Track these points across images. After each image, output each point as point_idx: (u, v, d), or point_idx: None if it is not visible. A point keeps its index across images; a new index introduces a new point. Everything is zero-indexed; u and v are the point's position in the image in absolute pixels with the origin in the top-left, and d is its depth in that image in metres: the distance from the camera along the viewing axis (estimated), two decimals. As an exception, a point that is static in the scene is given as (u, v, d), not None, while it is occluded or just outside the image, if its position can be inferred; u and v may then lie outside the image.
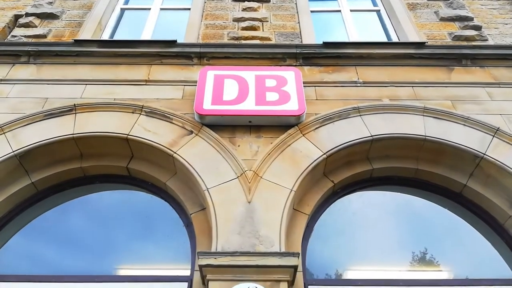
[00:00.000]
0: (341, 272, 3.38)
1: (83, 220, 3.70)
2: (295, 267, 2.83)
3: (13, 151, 3.51)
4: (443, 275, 3.36)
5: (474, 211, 3.70)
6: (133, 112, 3.82)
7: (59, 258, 3.43)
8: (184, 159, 3.49)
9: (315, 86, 4.22)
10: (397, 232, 3.64)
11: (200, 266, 2.83)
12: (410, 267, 3.42)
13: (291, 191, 3.30)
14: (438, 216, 3.74)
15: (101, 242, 3.55)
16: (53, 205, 3.77)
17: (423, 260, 3.46)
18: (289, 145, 3.61)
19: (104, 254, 3.47)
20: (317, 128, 3.74)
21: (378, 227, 3.63)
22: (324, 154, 3.55)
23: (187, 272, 3.23)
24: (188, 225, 3.53)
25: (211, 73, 4.11)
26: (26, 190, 3.66)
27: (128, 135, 3.65)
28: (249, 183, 3.34)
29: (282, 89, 3.93)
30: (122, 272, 3.38)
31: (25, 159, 3.59)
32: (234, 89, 3.94)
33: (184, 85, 4.20)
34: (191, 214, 3.46)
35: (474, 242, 3.57)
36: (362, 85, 4.25)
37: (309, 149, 3.58)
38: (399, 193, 3.90)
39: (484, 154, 3.54)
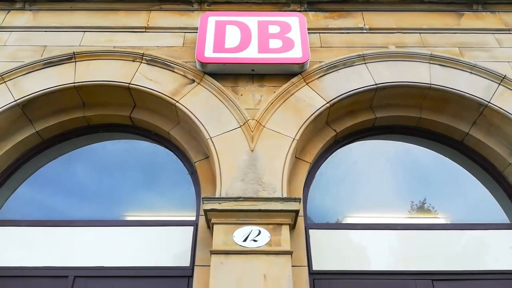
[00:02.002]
0: (341, 218, 3.49)
1: (89, 169, 3.77)
2: (296, 212, 2.93)
3: (15, 100, 3.50)
4: (440, 220, 3.47)
5: (474, 159, 3.75)
6: (133, 61, 3.76)
7: (67, 206, 3.53)
8: (187, 108, 3.48)
9: (319, 32, 4.11)
10: (397, 181, 3.71)
11: (205, 211, 2.92)
12: (408, 214, 3.52)
13: (294, 139, 3.33)
14: (438, 164, 3.79)
15: (107, 190, 3.64)
16: (59, 154, 3.83)
17: (421, 207, 3.56)
18: (292, 94, 3.58)
19: (111, 202, 3.57)
20: (321, 76, 3.68)
21: (378, 176, 3.69)
22: (328, 103, 3.53)
23: (192, 217, 3.35)
24: (193, 173, 3.60)
25: (212, 19, 3.98)
26: (31, 139, 3.71)
27: (129, 84, 3.62)
28: (252, 132, 3.35)
29: (286, 36, 3.83)
30: (129, 219, 3.50)
31: (28, 108, 3.59)
32: (236, 36, 3.84)
33: (185, 32, 4.10)
34: (195, 162, 3.52)
35: (472, 189, 3.66)
36: (368, 31, 4.13)
37: (312, 98, 3.56)
38: (400, 142, 3.93)
39: (489, 102, 3.51)
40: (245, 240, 2.81)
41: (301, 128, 3.39)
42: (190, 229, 3.24)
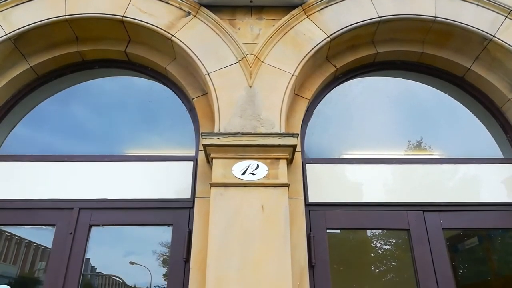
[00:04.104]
0: (338, 154, 3.54)
1: (86, 107, 3.76)
2: (294, 147, 2.97)
3: (6, 34, 3.39)
4: (436, 156, 3.53)
5: (473, 95, 3.73)
6: (126, -9, 3.58)
7: (65, 143, 3.57)
8: (183, 43, 3.39)
9: (321, -39, 3.87)
10: (396, 118, 3.72)
11: (204, 146, 2.96)
12: (405, 150, 3.58)
13: (293, 75, 3.28)
14: (437, 101, 3.78)
15: (106, 128, 3.66)
16: (55, 91, 3.80)
17: (418, 143, 3.60)
18: (292, 27, 3.47)
19: (110, 139, 3.61)
20: (322, 8, 3.53)
21: (377, 113, 3.70)
22: (328, 37, 3.42)
23: (192, 153, 3.41)
24: (191, 109, 3.60)
25: None
26: (26, 75, 3.65)
27: (123, 16, 3.47)
28: (250, 67, 3.29)
29: (286, -36, 3.61)
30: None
31: (20, 42, 3.49)
32: (234, -36, 3.62)
33: (179, -39, 3.86)
34: (193, 99, 3.50)
35: (470, 125, 3.68)
36: (372, -40, 3.88)
37: (313, 32, 3.45)
38: (400, 78, 3.88)
39: (493, 36, 3.41)
40: (243, 174, 2.88)
41: (300, 64, 3.33)
42: (190, 163, 3.31)
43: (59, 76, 3.81)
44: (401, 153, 3.55)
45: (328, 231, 3.09)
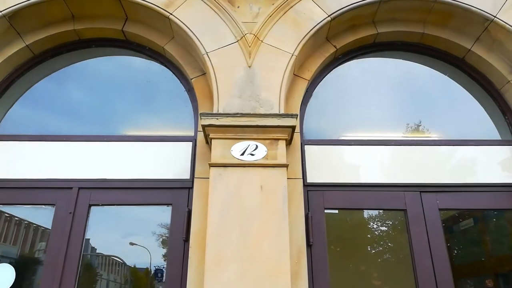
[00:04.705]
0: (336, 135, 3.54)
1: (83, 87, 3.72)
2: (293, 128, 2.97)
3: (1, 11, 3.32)
4: (434, 137, 3.54)
5: (473, 76, 3.72)
6: (122, -32, 3.50)
7: (63, 124, 3.55)
8: (181, 21, 3.34)
9: None
10: (395, 100, 3.71)
11: (203, 126, 2.96)
12: (404, 132, 3.58)
13: (292, 55, 3.25)
14: (437, 82, 3.76)
15: (104, 108, 3.64)
16: (52, 71, 3.75)
17: (417, 125, 3.61)
18: (292, 6, 3.42)
19: (108, 120, 3.59)
20: (322, -13, 3.47)
21: (376, 95, 3.68)
22: (329, 16, 3.38)
23: (191, 133, 3.40)
24: (190, 90, 3.57)
25: None
26: (22, 54, 3.60)
27: (119, -6, 3.41)
28: (250, 47, 3.26)
29: None
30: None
31: (15, 20, 3.42)
32: None
33: None
34: (191, 79, 3.47)
35: (468, 107, 3.68)
36: None
37: (313, 11, 3.40)
38: (401, 59, 3.85)
39: (495, 16, 3.37)
40: (242, 154, 2.89)
41: (300, 43, 3.29)
42: (189, 144, 3.31)
43: (56, 55, 3.76)
44: (400, 135, 3.56)
45: (326, 211, 3.12)
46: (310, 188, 3.17)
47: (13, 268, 3.05)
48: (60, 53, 3.76)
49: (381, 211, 3.72)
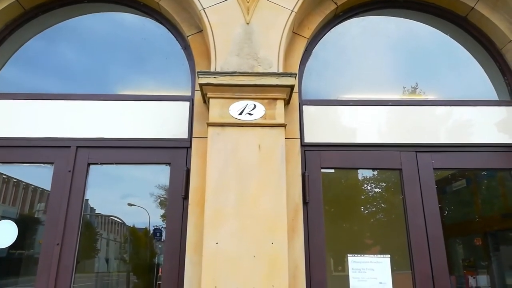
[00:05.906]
0: (335, 96, 3.52)
1: (77, 45, 3.63)
2: (291, 87, 2.94)
3: (-13, -37, 3.18)
4: (432, 97, 3.53)
5: (475, 35, 3.66)
6: None
7: (57, 83, 3.49)
8: (177, -25, 3.21)
9: None
10: (394, 60, 3.66)
11: (201, 85, 2.92)
12: (402, 92, 3.57)
13: (292, 12, 3.16)
14: (438, 42, 3.70)
15: (99, 67, 3.57)
16: (43, 28, 3.65)
17: (416, 86, 3.59)
18: (292, -41, 3.27)
19: (104, 79, 3.54)
20: None
21: (376, 54, 3.63)
22: (329, -29, 3.26)
23: (188, 93, 3.36)
24: (186, 47, 3.50)
25: None
26: (12, 9, 3.48)
27: None
28: (248, 2, 3.16)
29: None
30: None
31: (3, -27, 3.29)
32: None
33: None
34: (188, 36, 3.39)
35: (468, 67, 3.65)
36: None
37: (313, -35, 3.27)
38: (402, 18, 3.76)
39: (502, -28, 3.27)
40: (240, 114, 2.88)
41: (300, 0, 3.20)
42: (187, 104, 3.28)
43: (47, 10, 3.64)
44: (398, 96, 3.54)
45: (323, 170, 3.16)
46: (307, 148, 3.19)
47: (15, 224, 3.10)
48: (52, 9, 3.64)
49: (375, 172, 3.79)
